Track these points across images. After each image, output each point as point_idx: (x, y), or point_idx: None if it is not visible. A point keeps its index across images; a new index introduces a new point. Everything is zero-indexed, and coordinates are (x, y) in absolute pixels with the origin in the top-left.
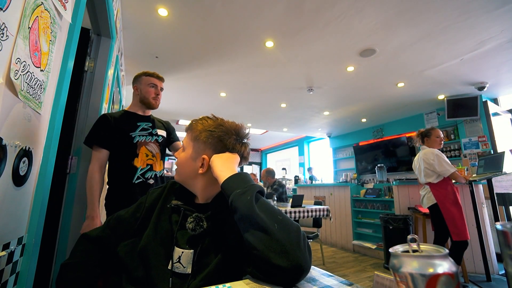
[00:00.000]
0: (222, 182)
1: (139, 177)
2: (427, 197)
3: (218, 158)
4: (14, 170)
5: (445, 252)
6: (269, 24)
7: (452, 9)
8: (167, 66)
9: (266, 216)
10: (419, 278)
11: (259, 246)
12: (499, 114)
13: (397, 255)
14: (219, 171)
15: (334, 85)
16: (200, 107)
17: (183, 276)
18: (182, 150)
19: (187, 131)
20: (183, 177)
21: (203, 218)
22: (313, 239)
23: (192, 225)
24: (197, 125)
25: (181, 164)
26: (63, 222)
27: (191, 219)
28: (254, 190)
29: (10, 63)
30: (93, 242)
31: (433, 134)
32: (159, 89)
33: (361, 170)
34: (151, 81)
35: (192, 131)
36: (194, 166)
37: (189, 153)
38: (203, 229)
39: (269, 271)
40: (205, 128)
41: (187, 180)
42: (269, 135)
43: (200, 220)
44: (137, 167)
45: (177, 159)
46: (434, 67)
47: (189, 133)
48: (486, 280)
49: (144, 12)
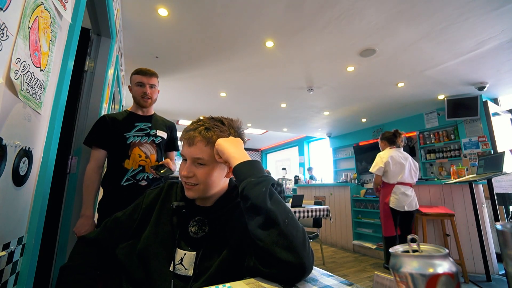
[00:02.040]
0: (235, 166)
1: (129, 179)
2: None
3: (226, 141)
4: (14, 170)
5: (445, 252)
6: (269, 24)
7: (452, 9)
8: (167, 66)
9: (278, 211)
10: (419, 278)
11: (266, 239)
12: (499, 114)
13: (397, 255)
14: (232, 153)
15: (334, 85)
16: (200, 107)
17: (185, 279)
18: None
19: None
20: (211, 190)
21: (205, 222)
22: (313, 239)
23: (195, 228)
24: (213, 134)
25: (210, 179)
26: (63, 222)
27: (194, 223)
28: (269, 182)
29: (10, 63)
30: (91, 244)
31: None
32: (147, 87)
33: (361, 170)
34: (137, 79)
35: (210, 143)
36: (222, 174)
37: (217, 164)
38: (205, 232)
39: (274, 265)
40: (222, 134)
41: (213, 191)
42: (269, 135)
43: (203, 224)
44: (127, 169)
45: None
46: (434, 67)
47: (209, 144)
48: (486, 280)
49: (144, 12)
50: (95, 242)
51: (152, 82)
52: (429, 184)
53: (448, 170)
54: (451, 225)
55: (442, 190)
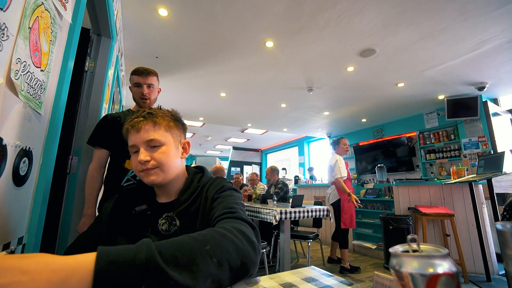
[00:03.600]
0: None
1: (129, 179)
2: (333, 194)
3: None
4: (14, 170)
5: (445, 252)
6: (269, 24)
7: (452, 9)
8: (167, 66)
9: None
10: (419, 278)
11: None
12: (499, 114)
13: (397, 255)
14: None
15: (334, 85)
16: (200, 107)
17: None
18: (149, 148)
19: (152, 126)
20: (173, 172)
21: (174, 217)
22: (313, 239)
23: (165, 226)
24: (158, 116)
25: (167, 159)
26: (63, 222)
27: (163, 221)
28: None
29: (10, 63)
30: (83, 239)
31: (341, 142)
32: (144, 88)
33: (361, 170)
34: (134, 80)
35: (159, 124)
36: (177, 154)
37: (171, 144)
38: (176, 227)
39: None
40: (167, 116)
41: (175, 173)
42: (269, 135)
43: (172, 219)
44: (127, 169)
45: (149, 159)
46: (434, 67)
47: (157, 126)
48: (486, 280)
49: (144, 12)
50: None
51: (149, 81)
52: (429, 184)
53: (448, 170)
54: (451, 225)
55: (442, 190)
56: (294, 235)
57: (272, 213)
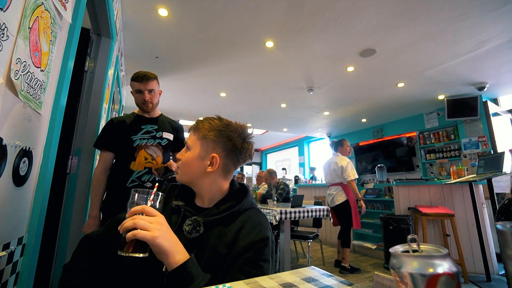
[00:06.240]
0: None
1: (134, 180)
2: (339, 194)
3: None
4: (14, 170)
5: (445, 252)
6: (269, 24)
7: (452, 9)
8: (167, 66)
9: None
10: (419, 278)
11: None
12: (499, 114)
13: (397, 255)
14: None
15: (334, 85)
16: (200, 107)
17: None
18: (185, 149)
19: (193, 131)
20: (190, 176)
21: (200, 222)
22: (313, 239)
23: (189, 228)
24: (204, 124)
25: (187, 163)
26: (63, 222)
27: (189, 222)
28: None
29: (10, 63)
30: (94, 243)
31: (345, 143)
32: (145, 94)
33: (361, 170)
34: (135, 87)
35: (198, 131)
36: (202, 164)
37: (196, 152)
38: (199, 234)
39: None
40: (213, 127)
41: (194, 179)
42: (269, 135)
43: (197, 224)
44: (133, 171)
45: (181, 158)
46: (434, 67)
47: (196, 132)
48: (486, 280)
49: (144, 12)
50: (98, 241)
51: (150, 87)
52: (429, 184)
53: (448, 170)
54: (451, 225)
55: (442, 190)
56: (294, 235)
57: (272, 213)
